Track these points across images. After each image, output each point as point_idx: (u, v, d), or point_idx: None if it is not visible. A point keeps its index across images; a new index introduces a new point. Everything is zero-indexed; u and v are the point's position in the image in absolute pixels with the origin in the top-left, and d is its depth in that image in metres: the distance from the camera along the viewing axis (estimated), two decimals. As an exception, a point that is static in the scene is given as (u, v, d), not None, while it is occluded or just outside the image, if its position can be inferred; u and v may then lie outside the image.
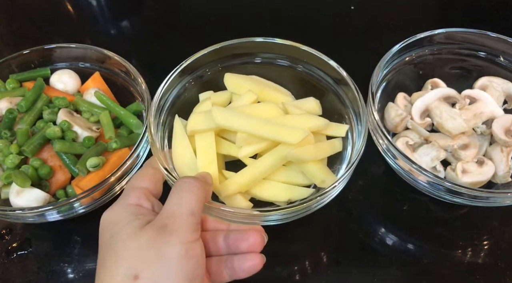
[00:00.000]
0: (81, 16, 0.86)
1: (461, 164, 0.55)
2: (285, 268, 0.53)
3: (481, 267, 0.53)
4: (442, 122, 0.57)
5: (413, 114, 0.58)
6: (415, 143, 0.57)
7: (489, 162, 0.55)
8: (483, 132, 0.59)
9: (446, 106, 0.58)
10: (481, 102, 0.59)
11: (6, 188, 0.54)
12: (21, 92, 0.60)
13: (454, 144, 0.56)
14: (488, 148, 0.58)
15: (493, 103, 0.59)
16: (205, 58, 0.56)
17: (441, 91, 0.59)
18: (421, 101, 0.59)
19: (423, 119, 0.58)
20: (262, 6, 0.86)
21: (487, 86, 0.61)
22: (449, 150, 0.57)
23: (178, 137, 0.52)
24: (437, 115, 0.58)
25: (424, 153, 0.56)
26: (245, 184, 0.49)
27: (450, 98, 0.60)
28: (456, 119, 0.56)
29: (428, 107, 0.58)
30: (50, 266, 0.53)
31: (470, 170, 0.54)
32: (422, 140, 0.58)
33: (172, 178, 0.44)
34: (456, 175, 0.54)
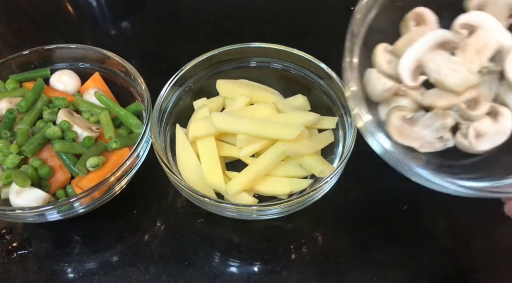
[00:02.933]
0: (81, 17, 0.86)
1: (473, 127, 0.43)
2: (284, 268, 0.53)
3: (481, 267, 0.53)
4: (441, 79, 0.43)
5: (402, 76, 0.44)
6: (413, 116, 0.45)
7: (504, 111, 0.43)
8: (490, 71, 0.44)
9: (443, 56, 0.44)
10: (482, 31, 0.44)
11: (6, 188, 0.54)
12: (21, 93, 0.60)
13: (461, 102, 0.43)
14: (500, 89, 0.44)
15: (498, 28, 0.44)
16: (195, 68, 0.59)
17: (432, 37, 0.44)
18: (409, 56, 0.44)
19: (416, 79, 0.44)
20: (262, 6, 0.86)
21: (485, 3, 0.45)
22: (455, 109, 0.44)
23: (181, 145, 0.56)
24: (434, 70, 0.43)
25: (427, 125, 0.44)
26: (249, 182, 0.52)
27: (445, 43, 0.44)
28: (459, 71, 0.42)
29: (420, 62, 0.44)
30: (50, 266, 0.53)
31: (485, 131, 0.43)
32: (417, 104, 0.46)
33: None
34: (469, 144, 0.43)
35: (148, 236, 0.55)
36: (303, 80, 0.61)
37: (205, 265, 0.53)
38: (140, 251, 0.54)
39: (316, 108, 0.60)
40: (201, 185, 0.53)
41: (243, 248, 0.54)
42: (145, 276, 0.52)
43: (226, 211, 0.49)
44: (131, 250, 0.54)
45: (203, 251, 0.54)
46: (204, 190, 0.52)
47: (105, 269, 0.53)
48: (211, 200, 0.47)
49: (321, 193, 0.50)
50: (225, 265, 0.53)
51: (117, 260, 0.54)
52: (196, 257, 0.53)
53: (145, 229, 0.56)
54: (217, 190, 0.54)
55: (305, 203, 0.50)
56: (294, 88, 0.61)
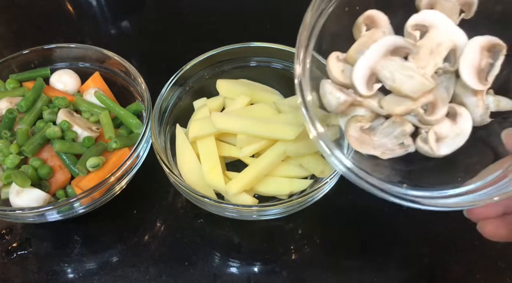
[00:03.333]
0: (81, 16, 0.86)
1: (432, 131, 0.42)
2: (284, 268, 0.53)
3: (481, 267, 0.53)
4: (397, 86, 0.41)
5: (356, 86, 0.42)
6: (370, 126, 0.43)
7: (462, 111, 0.42)
8: (446, 71, 0.43)
9: (396, 63, 0.41)
10: (434, 30, 0.43)
11: (6, 188, 0.54)
12: (21, 92, 0.60)
13: (418, 107, 0.42)
14: (457, 89, 0.43)
15: (450, 26, 0.43)
16: (195, 68, 0.59)
17: (384, 44, 0.42)
18: (362, 65, 0.42)
19: (371, 88, 0.42)
20: (262, 6, 0.86)
21: (435, 1, 0.43)
22: (413, 114, 0.43)
23: (181, 145, 0.56)
24: (388, 78, 0.41)
25: (387, 133, 0.42)
26: (249, 182, 0.52)
27: (397, 49, 0.42)
28: (414, 77, 0.41)
29: (374, 70, 0.42)
30: (50, 266, 0.53)
31: (445, 134, 0.42)
32: (376, 115, 0.44)
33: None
34: (430, 149, 0.41)
35: (148, 236, 0.55)
36: None
37: (205, 265, 0.53)
38: (140, 251, 0.54)
39: (317, 108, 0.59)
40: (201, 185, 0.53)
41: (243, 248, 0.54)
42: (145, 277, 0.52)
43: (226, 212, 0.49)
44: (131, 250, 0.54)
45: (203, 251, 0.54)
46: (204, 190, 0.52)
47: (105, 269, 0.53)
48: (211, 200, 0.47)
49: (321, 194, 0.50)
50: (225, 265, 0.53)
51: (117, 260, 0.54)
52: (196, 258, 0.53)
53: (145, 229, 0.56)
54: (217, 190, 0.53)
55: (305, 203, 0.50)
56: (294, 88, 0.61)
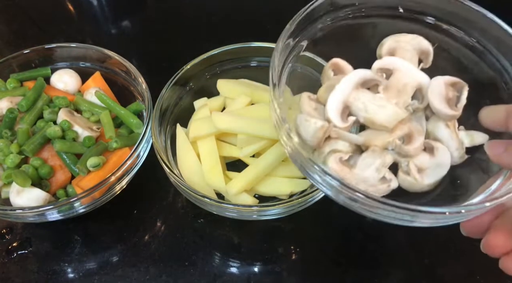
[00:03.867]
0: (82, 16, 0.86)
1: (413, 163, 0.42)
2: (284, 268, 0.53)
3: (482, 268, 0.52)
4: (371, 117, 0.42)
5: (331, 119, 0.42)
6: (349, 156, 0.43)
7: (438, 145, 0.43)
8: (416, 109, 0.44)
9: (367, 95, 0.43)
10: (399, 72, 0.44)
11: (6, 187, 0.54)
12: (22, 92, 0.60)
13: (395, 139, 0.42)
14: (429, 126, 0.44)
15: (413, 68, 0.45)
16: (196, 68, 0.59)
17: (354, 77, 0.43)
18: (335, 99, 0.43)
19: (346, 120, 0.43)
20: (263, 6, 0.86)
21: (395, 48, 0.46)
22: (391, 148, 0.43)
23: (181, 145, 0.56)
24: (361, 109, 0.42)
25: (366, 165, 0.41)
26: (250, 182, 0.52)
27: (367, 82, 0.44)
28: (387, 107, 0.42)
29: (346, 103, 0.43)
30: (50, 266, 0.53)
31: (425, 166, 0.42)
32: (353, 147, 0.44)
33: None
34: (414, 180, 0.42)
35: (148, 236, 0.55)
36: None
37: (205, 265, 0.53)
38: (140, 251, 0.54)
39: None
40: (202, 185, 0.53)
41: (243, 248, 0.54)
42: (145, 276, 0.52)
43: (227, 212, 0.49)
44: (131, 250, 0.54)
45: (203, 251, 0.54)
46: (204, 190, 0.52)
47: (105, 269, 0.53)
48: (212, 200, 0.47)
49: (322, 194, 0.50)
50: (225, 265, 0.53)
51: (117, 260, 0.54)
52: (196, 258, 0.53)
53: (145, 229, 0.56)
54: (217, 190, 0.53)
55: (305, 203, 0.49)
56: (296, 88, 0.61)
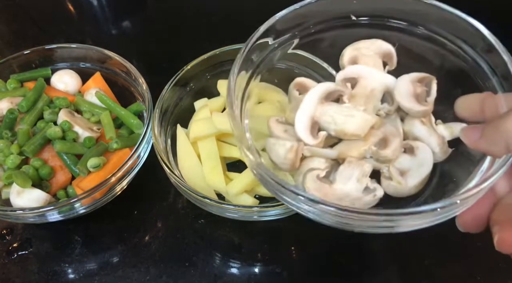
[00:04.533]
0: (82, 16, 0.86)
1: (393, 166, 0.41)
2: (285, 269, 0.52)
3: (483, 268, 0.52)
4: (341, 129, 0.41)
5: (301, 137, 0.41)
6: (327, 172, 0.41)
7: (418, 144, 0.42)
8: (388, 112, 0.43)
9: (333, 107, 0.42)
10: (364, 79, 0.44)
11: (7, 188, 0.54)
12: (22, 92, 0.60)
13: (370, 146, 0.41)
14: (405, 127, 0.43)
15: (377, 73, 0.44)
16: (196, 68, 0.59)
17: (317, 91, 0.43)
18: (302, 115, 0.42)
19: (316, 136, 0.42)
20: (263, 6, 0.86)
21: (356, 56, 0.45)
22: (369, 156, 0.42)
23: (182, 145, 0.55)
24: (330, 122, 0.41)
25: (346, 178, 0.40)
26: (250, 183, 0.52)
27: (331, 94, 0.43)
28: (355, 115, 0.41)
29: (314, 119, 0.42)
30: (51, 266, 0.53)
31: (407, 167, 0.41)
32: (331, 162, 0.42)
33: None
34: (398, 184, 0.40)
35: (148, 237, 0.55)
36: None
37: (205, 266, 0.53)
38: (141, 251, 0.54)
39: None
40: (202, 186, 0.53)
41: (244, 249, 0.54)
42: (145, 277, 0.52)
43: (227, 212, 0.49)
44: (131, 250, 0.54)
45: (203, 252, 0.54)
46: (204, 191, 0.52)
47: (106, 269, 0.53)
48: (212, 201, 0.47)
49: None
50: (225, 266, 0.53)
51: (117, 260, 0.54)
52: (196, 258, 0.53)
53: (145, 229, 0.56)
54: (218, 191, 0.53)
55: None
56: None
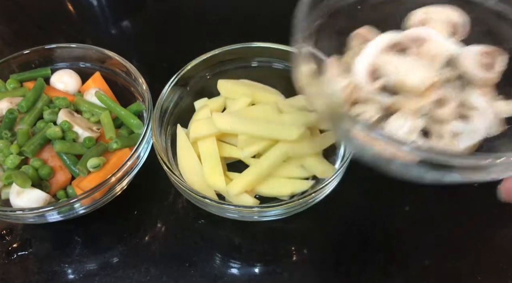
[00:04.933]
0: (82, 16, 0.86)
1: (448, 127, 0.41)
2: (285, 269, 0.52)
3: (483, 268, 0.52)
4: (402, 79, 0.40)
5: (360, 79, 0.41)
6: (378, 118, 0.41)
7: (474, 113, 0.42)
8: (449, 77, 0.43)
9: (398, 57, 0.42)
10: (430, 42, 0.43)
11: (6, 188, 0.54)
12: (22, 92, 0.60)
13: (427, 103, 0.40)
14: (463, 96, 0.43)
15: (444, 38, 0.44)
16: (196, 68, 0.59)
17: (385, 39, 0.43)
18: (365, 59, 0.42)
19: (374, 82, 0.41)
20: (263, 6, 0.86)
21: (425, 20, 0.45)
22: (423, 113, 0.41)
23: (182, 145, 0.55)
24: (392, 71, 0.41)
25: (396, 128, 0.40)
26: (250, 183, 0.52)
27: (396, 45, 0.43)
28: (419, 70, 0.41)
29: (376, 66, 0.42)
30: (51, 267, 0.53)
31: (460, 131, 0.41)
32: (383, 112, 0.42)
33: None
34: (450, 143, 0.41)
35: (149, 237, 0.55)
36: None
37: (206, 266, 0.53)
38: (141, 252, 0.54)
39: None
40: (202, 186, 0.53)
41: (244, 249, 0.54)
42: (145, 277, 0.52)
43: (227, 212, 0.49)
44: (131, 251, 0.54)
45: (204, 252, 0.54)
46: (205, 191, 0.52)
47: (106, 270, 0.53)
48: (212, 201, 0.47)
49: (323, 195, 0.50)
50: (226, 266, 0.53)
51: (117, 261, 0.54)
52: (196, 258, 0.53)
53: (146, 230, 0.56)
54: (218, 191, 0.53)
55: (306, 204, 0.49)
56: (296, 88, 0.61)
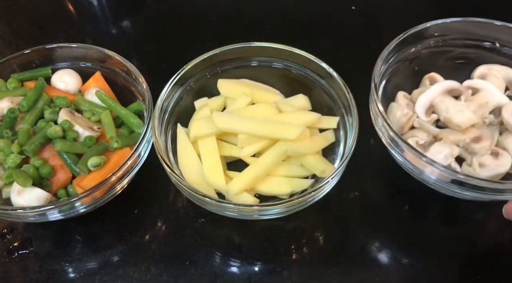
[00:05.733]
0: (82, 16, 0.86)
1: (476, 158, 0.52)
2: (285, 268, 0.53)
3: (483, 268, 0.53)
4: (449, 117, 0.54)
5: (418, 112, 0.56)
6: (425, 142, 0.55)
7: (504, 153, 0.53)
8: (491, 122, 0.56)
9: (451, 100, 0.55)
10: (484, 92, 0.56)
11: (7, 187, 0.54)
12: (23, 92, 0.60)
13: (466, 138, 0.53)
14: (500, 138, 0.55)
15: (497, 91, 0.56)
16: (196, 68, 0.59)
17: (443, 84, 0.57)
18: (425, 97, 0.56)
19: (429, 116, 0.56)
20: (263, 6, 0.86)
21: (486, 74, 0.59)
22: (461, 145, 0.54)
23: (182, 144, 0.56)
24: (443, 110, 0.55)
25: (437, 152, 0.53)
26: (250, 182, 0.52)
27: (453, 90, 0.57)
28: (464, 112, 0.54)
29: (432, 103, 0.56)
30: (51, 265, 0.54)
31: (487, 163, 0.52)
32: (431, 139, 0.56)
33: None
34: (474, 170, 0.52)
35: (149, 236, 0.55)
36: (304, 79, 0.61)
37: (206, 264, 0.53)
38: (141, 250, 0.54)
39: (317, 108, 0.60)
40: (202, 185, 0.53)
41: (244, 248, 0.54)
42: (146, 276, 0.52)
43: (227, 211, 0.49)
44: (132, 249, 0.54)
45: (204, 250, 0.54)
46: (205, 189, 0.52)
47: (106, 268, 0.53)
48: (212, 200, 0.47)
49: (322, 193, 0.50)
50: (226, 265, 0.53)
51: (118, 259, 0.54)
52: (197, 257, 0.53)
53: (146, 228, 0.56)
54: (218, 189, 0.54)
55: (306, 203, 0.50)
56: (295, 87, 0.61)
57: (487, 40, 0.60)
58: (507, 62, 0.60)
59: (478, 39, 0.60)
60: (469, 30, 0.60)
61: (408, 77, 0.62)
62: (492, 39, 0.59)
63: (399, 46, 0.58)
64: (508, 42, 0.59)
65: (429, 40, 0.60)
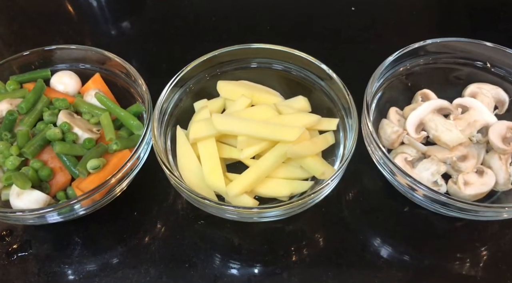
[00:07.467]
0: (82, 17, 0.86)
1: (462, 176, 0.54)
2: (284, 270, 0.53)
3: (483, 269, 0.53)
4: (438, 135, 0.56)
5: (408, 129, 0.57)
6: (413, 159, 0.56)
7: (489, 171, 0.55)
8: (479, 140, 0.58)
9: (440, 118, 0.57)
10: (473, 110, 0.58)
11: (6, 189, 0.54)
12: (22, 94, 0.60)
13: (453, 156, 0.55)
14: (486, 156, 0.57)
15: (485, 110, 0.59)
16: (196, 69, 0.59)
17: (433, 103, 0.59)
18: (415, 115, 0.58)
19: (419, 133, 0.58)
20: (263, 7, 0.86)
21: (476, 93, 0.61)
22: (448, 163, 0.56)
23: (182, 147, 0.56)
24: (433, 128, 0.57)
25: (424, 168, 0.55)
26: (250, 184, 0.52)
27: (443, 109, 0.59)
28: (452, 131, 0.56)
29: (422, 121, 0.58)
30: (51, 268, 0.53)
31: (472, 181, 0.54)
32: (420, 155, 0.57)
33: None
34: (458, 188, 0.53)
35: (148, 238, 0.55)
36: (304, 81, 0.61)
37: (205, 267, 0.53)
38: (141, 253, 0.54)
39: (317, 110, 0.60)
40: (202, 187, 0.53)
41: (244, 250, 0.54)
42: (145, 278, 0.52)
43: (227, 213, 0.49)
44: (131, 252, 0.54)
45: (203, 253, 0.54)
46: (204, 192, 0.52)
47: (106, 271, 0.53)
48: (212, 202, 0.47)
49: (322, 195, 0.50)
50: (225, 267, 0.53)
51: (117, 262, 0.54)
52: (196, 259, 0.53)
53: (145, 231, 0.56)
54: (217, 192, 0.53)
55: (306, 205, 0.50)
56: (295, 89, 0.61)
57: (478, 60, 0.62)
58: (497, 81, 0.62)
59: (470, 58, 0.62)
60: (462, 49, 0.62)
61: (402, 92, 0.63)
62: (484, 59, 0.62)
63: (393, 63, 0.59)
64: (499, 63, 0.61)
65: (423, 57, 0.62)
